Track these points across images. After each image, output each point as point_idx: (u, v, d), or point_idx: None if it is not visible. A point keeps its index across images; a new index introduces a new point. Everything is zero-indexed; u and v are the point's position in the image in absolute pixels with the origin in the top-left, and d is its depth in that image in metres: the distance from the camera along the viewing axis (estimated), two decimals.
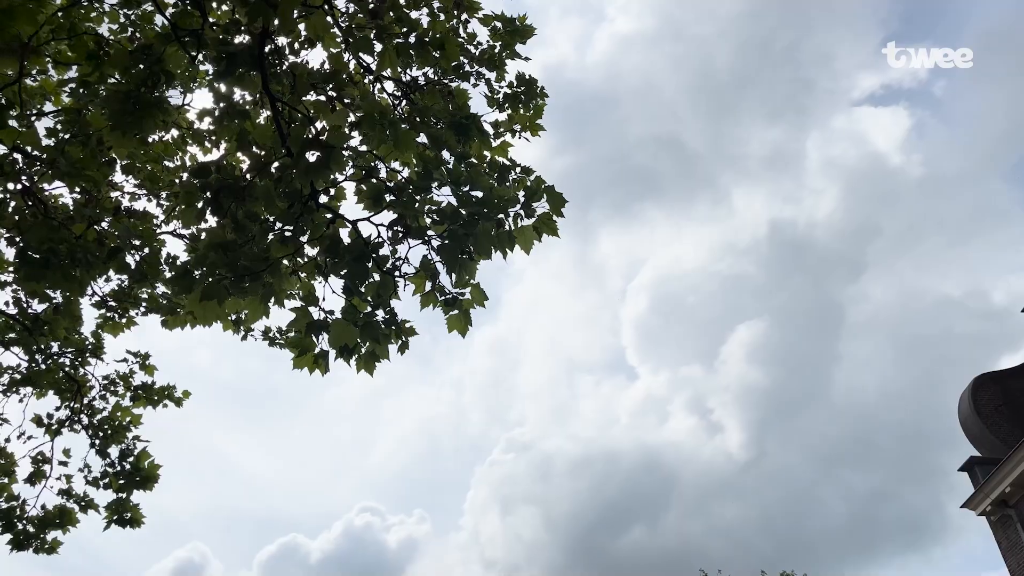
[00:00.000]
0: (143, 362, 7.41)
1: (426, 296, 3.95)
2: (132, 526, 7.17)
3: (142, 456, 7.23)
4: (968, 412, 14.77)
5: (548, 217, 3.90)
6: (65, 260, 4.73)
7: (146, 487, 7.25)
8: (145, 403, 7.41)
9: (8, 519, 6.76)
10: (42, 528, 6.88)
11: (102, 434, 7.17)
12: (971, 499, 14.54)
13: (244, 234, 3.84)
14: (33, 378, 6.94)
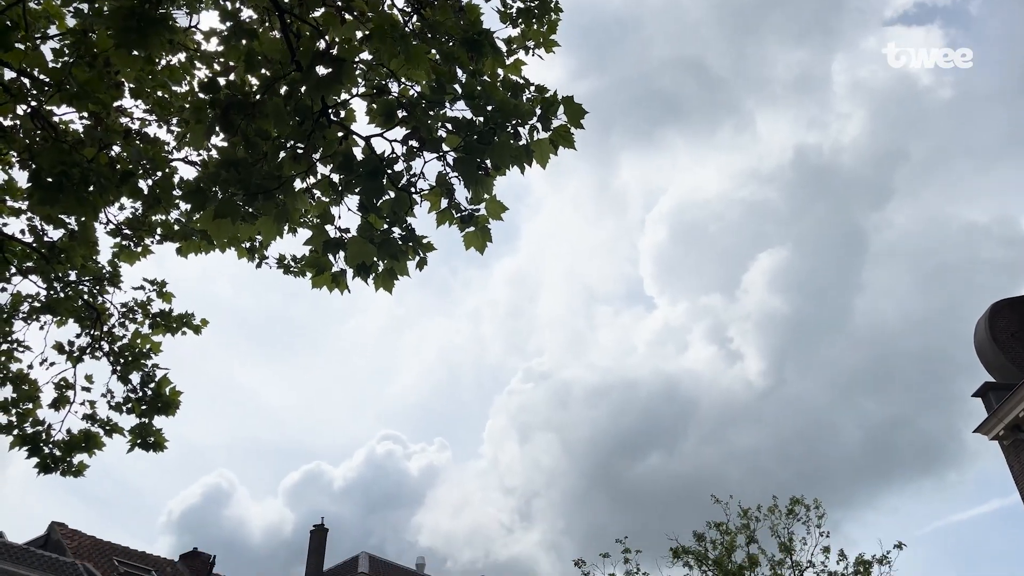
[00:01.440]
0: (160, 290, 7.44)
1: (442, 213, 3.91)
2: (155, 450, 7.32)
3: (163, 383, 7.33)
4: (984, 338, 14.74)
5: (565, 129, 3.81)
6: (78, 183, 4.69)
7: (168, 413, 7.37)
8: (164, 330, 7.47)
9: (34, 443, 6.90)
10: (68, 451, 7.03)
11: (123, 361, 7.26)
12: (984, 424, 14.63)
13: (255, 152, 3.79)
14: (53, 306, 6.99)
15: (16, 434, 6.87)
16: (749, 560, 27.20)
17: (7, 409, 6.90)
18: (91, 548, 25.62)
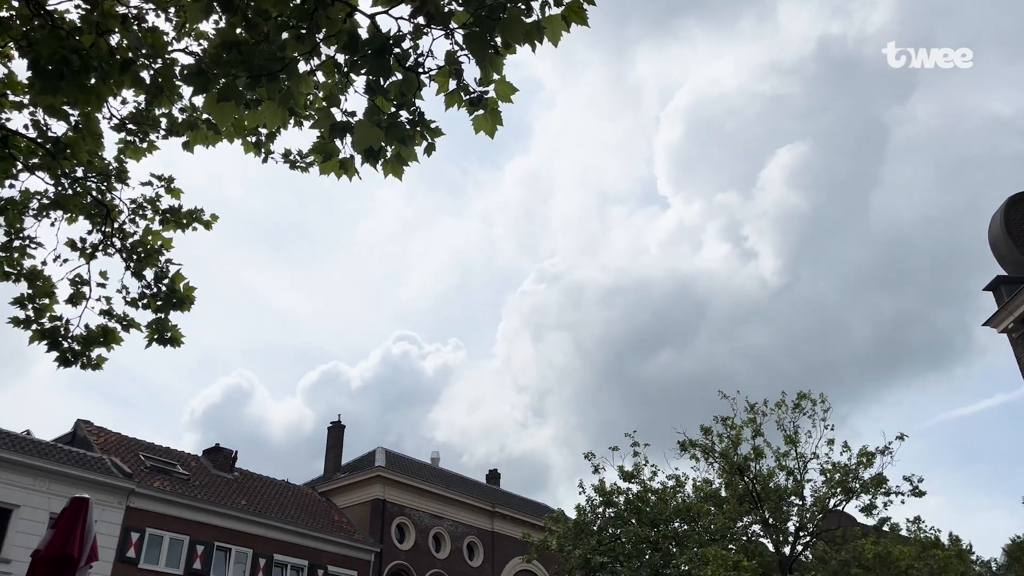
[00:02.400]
0: (168, 185, 7.40)
1: (450, 95, 3.79)
2: (172, 345, 7.44)
3: (176, 279, 7.38)
4: (998, 231, 14.60)
5: (578, 5, 3.65)
6: (78, 71, 4.59)
7: (183, 308, 7.45)
8: (174, 226, 7.46)
9: (53, 338, 7.01)
10: (87, 346, 7.15)
11: (136, 257, 7.29)
12: (994, 317, 14.68)
13: (256, 32, 3.66)
14: (62, 202, 6.97)
15: (35, 329, 6.98)
16: (754, 452, 27.93)
17: (24, 304, 6.99)
18: (117, 444, 26.53)
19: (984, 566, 30.10)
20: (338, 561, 28.94)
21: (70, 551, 6.30)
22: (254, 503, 27.95)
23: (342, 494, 33.21)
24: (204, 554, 24.93)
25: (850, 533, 27.53)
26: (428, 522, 33.40)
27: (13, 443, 21.84)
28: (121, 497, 23.22)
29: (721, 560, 23.48)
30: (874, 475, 26.32)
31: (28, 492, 21.10)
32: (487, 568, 35.21)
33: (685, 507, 27.92)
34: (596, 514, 29.15)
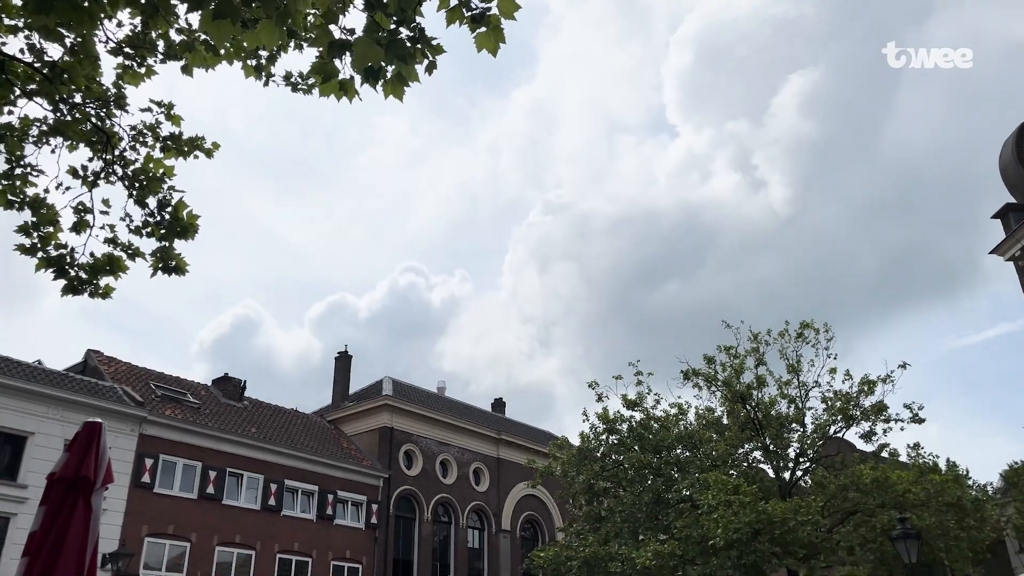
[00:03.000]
0: (168, 112, 7.31)
1: (452, 11, 3.69)
2: (177, 273, 7.47)
3: (179, 207, 7.36)
4: (1009, 158, 14.40)
5: None
6: None
7: (187, 236, 7.45)
8: (175, 154, 7.40)
9: (59, 266, 7.04)
10: (93, 274, 7.18)
11: (138, 185, 7.26)
12: (1001, 244, 14.62)
13: None
14: (61, 129, 6.90)
15: (40, 257, 7.01)
16: (757, 381, 28.23)
17: (29, 232, 7.00)
18: (127, 373, 26.93)
19: (980, 490, 30.62)
20: (347, 486, 29.67)
21: (85, 473, 6.43)
22: (264, 431, 28.50)
23: (350, 422, 33.82)
24: (216, 479, 25.56)
25: (849, 459, 28.02)
26: (435, 449, 34.08)
27: (25, 372, 22.18)
28: (133, 425, 23.69)
29: (722, 485, 23.99)
30: (875, 403, 26.65)
31: (42, 420, 21.53)
32: (493, 493, 36.08)
33: (687, 434, 28.39)
34: (599, 441, 29.67)
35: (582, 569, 27.08)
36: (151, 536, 23.42)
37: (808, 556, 24.81)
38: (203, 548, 24.57)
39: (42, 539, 6.21)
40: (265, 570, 26.02)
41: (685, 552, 24.31)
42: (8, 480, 20.72)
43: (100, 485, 6.53)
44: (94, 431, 6.66)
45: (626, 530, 27.76)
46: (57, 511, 6.30)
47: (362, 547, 29.48)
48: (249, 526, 26.03)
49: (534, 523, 38.38)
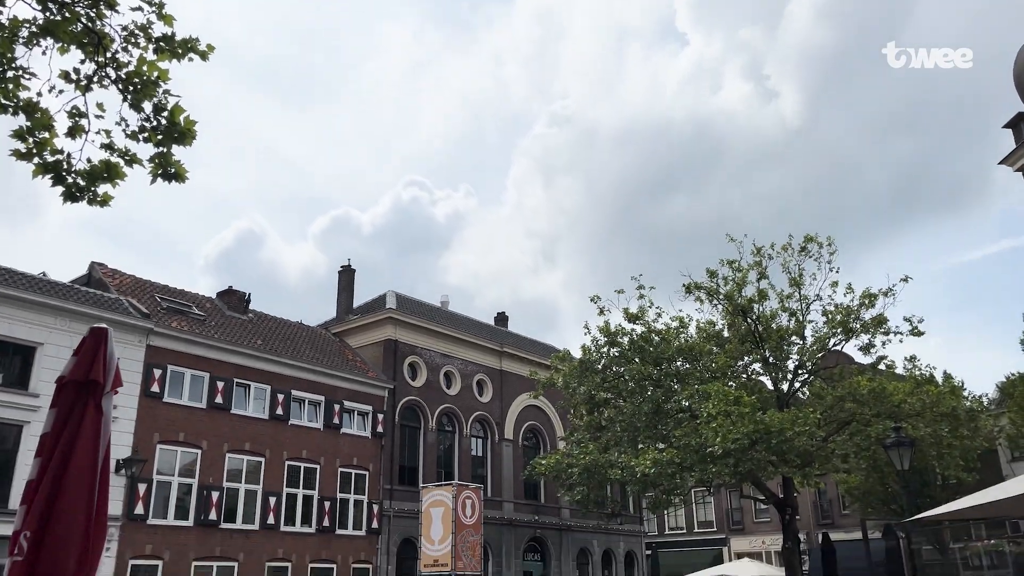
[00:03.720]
0: (159, 11, 7.07)
1: None
2: (177, 180, 7.37)
3: (176, 111, 7.21)
4: (1023, 66, 14.04)
5: None
6: None
7: (184, 142, 7.33)
8: (169, 56, 7.20)
9: (56, 172, 6.96)
10: (91, 181, 7.10)
11: (132, 88, 7.10)
12: (1011, 155, 14.39)
13: None
14: (51, 28, 6.71)
15: (37, 163, 6.92)
16: (758, 294, 28.34)
17: (24, 137, 6.89)
18: (132, 286, 27.08)
19: (976, 401, 31.14)
20: (353, 397, 30.23)
21: (94, 377, 6.50)
22: (269, 343, 28.85)
23: (354, 335, 34.20)
24: (224, 389, 26.03)
25: (847, 371, 28.40)
26: (439, 361, 34.56)
27: (31, 284, 22.31)
28: (140, 336, 23.97)
29: (722, 396, 24.38)
30: (875, 316, 26.82)
31: (50, 331, 21.77)
32: (496, 404, 36.78)
33: (688, 347, 28.69)
34: (600, 354, 30.04)
35: (582, 475, 27.85)
36: (163, 443, 24.02)
37: (803, 464, 25.44)
38: (213, 455, 25.24)
39: (54, 440, 6.34)
40: (275, 475, 26.79)
41: (683, 460, 24.93)
42: (20, 389, 21.11)
43: (109, 389, 6.63)
44: (100, 336, 6.71)
45: (626, 439, 28.41)
46: (68, 414, 6.40)
47: (369, 454, 30.27)
48: (258, 434, 26.66)
49: (536, 433, 39.28)
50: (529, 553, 36.81)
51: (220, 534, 24.85)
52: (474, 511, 21.83)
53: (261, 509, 26.14)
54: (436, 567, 21.09)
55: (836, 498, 44.15)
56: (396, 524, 30.42)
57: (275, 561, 26.14)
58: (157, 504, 23.62)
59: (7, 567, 6.03)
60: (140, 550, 22.77)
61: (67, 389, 6.61)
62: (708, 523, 51.92)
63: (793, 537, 28.02)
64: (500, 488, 35.80)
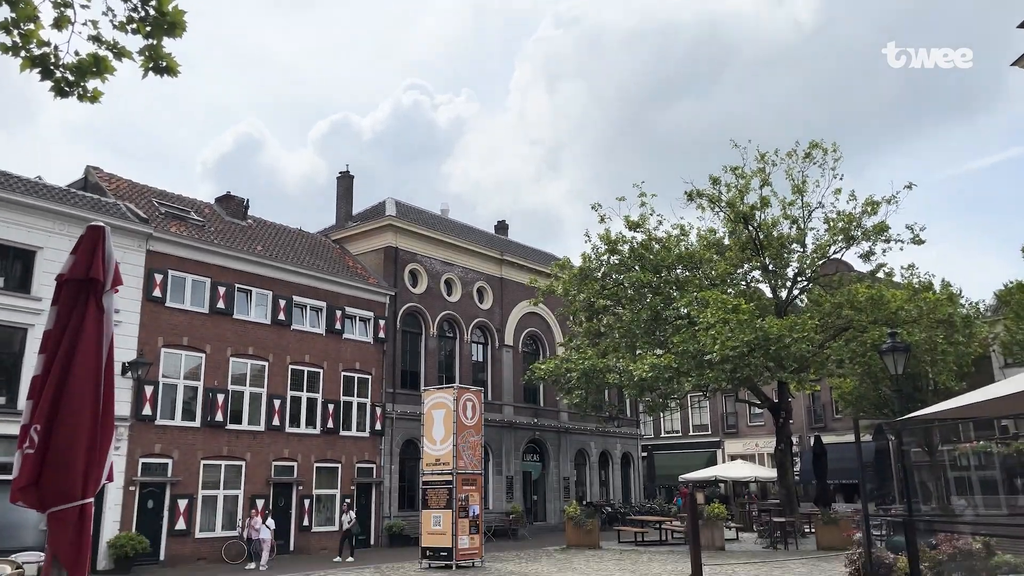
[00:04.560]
0: None
1: None
2: (169, 74, 7.16)
3: (163, 0, 6.95)
4: None
5: None
6: None
7: (174, 33, 7.08)
8: None
9: (44, 65, 6.76)
10: (80, 76, 6.90)
11: None
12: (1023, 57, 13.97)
13: None
14: None
15: (24, 56, 6.72)
16: (761, 201, 28.17)
17: (8, 30, 6.67)
18: (129, 190, 26.85)
19: (973, 308, 31.37)
20: (355, 303, 30.44)
21: (94, 275, 6.47)
22: (269, 249, 28.84)
23: (354, 242, 34.17)
24: (226, 295, 26.18)
25: (846, 278, 28.53)
26: (439, 268, 34.65)
27: (27, 187, 22.12)
28: (140, 241, 23.93)
29: (720, 303, 24.54)
30: (877, 223, 26.73)
31: (48, 235, 21.72)
32: (496, 310, 37.09)
33: (688, 254, 28.72)
34: (600, 261, 30.11)
35: (581, 380, 28.37)
36: (167, 347, 24.33)
37: (799, 370, 25.85)
38: (217, 359, 25.60)
39: (57, 337, 6.38)
40: (278, 379, 27.25)
41: (681, 365, 25.32)
42: (22, 293, 21.23)
43: (110, 287, 6.63)
44: (98, 234, 6.66)
45: (624, 345, 28.80)
46: (69, 311, 6.42)
47: (371, 359, 30.71)
48: (261, 339, 26.97)
49: (535, 339, 39.76)
50: (528, 454, 37.86)
51: (227, 435, 25.48)
52: (475, 413, 22.30)
53: (266, 411, 26.72)
54: (438, 466, 21.70)
55: (829, 403, 45.09)
56: (399, 426, 31.16)
57: (281, 461, 26.89)
58: (164, 406, 24.11)
59: (19, 459, 6.17)
60: (149, 449, 23.39)
61: (67, 287, 6.61)
62: (703, 426, 53.22)
63: (786, 439, 28.76)
64: (500, 392, 36.50)
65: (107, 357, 6.53)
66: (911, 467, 12.18)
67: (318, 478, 28.07)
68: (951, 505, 22.45)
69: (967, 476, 21.17)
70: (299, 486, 27.18)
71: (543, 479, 38.51)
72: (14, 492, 5.99)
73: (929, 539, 9.89)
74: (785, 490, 28.64)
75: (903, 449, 10.16)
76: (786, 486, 28.65)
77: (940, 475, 22.87)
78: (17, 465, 6.12)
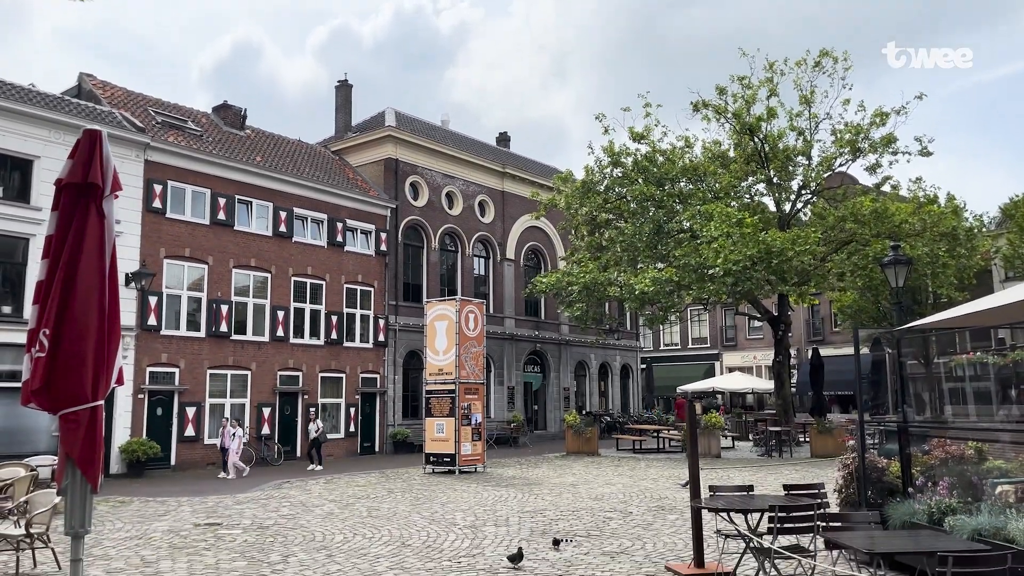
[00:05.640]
0: None
1: None
2: None
3: None
4: None
5: None
6: None
7: None
8: None
9: None
10: None
11: None
12: None
13: None
14: None
15: None
16: (767, 112, 27.68)
17: None
18: (124, 99, 26.35)
19: (977, 220, 31.22)
20: (356, 216, 30.31)
21: (93, 180, 6.40)
22: (269, 159, 28.52)
23: (354, 153, 33.76)
24: (226, 206, 26.03)
25: (850, 191, 28.31)
26: (440, 181, 34.35)
27: (21, 95, 21.72)
28: (137, 150, 23.64)
29: (724, 216, 24.44)
30: (885, 135, 26.34)
31: (45, 144, 21.45)
32: (497, 224, 36.96)
33: (692, 167, 28.44)
34: (604, 174, 29.86)
35: (582, 293, 28.52)
36: (169, 259, 24.35)
37: (800, 283, 25.94)
38: (220, 270, 25.67)
39: (59, 242, 6.37)
40: (281, 291, 27.40)
41: (682, 279, 25.40)
42: (22, 202, 21.12)
43: (109, 192, 6.57)
44: (95, 138, 6.55)
45: (626, 259, 28.83)
46: (70, 216, 6.39)
47: (373, 272, 30.80)
48: (263, 251, 26.98)
49: (537, 253, 39.77)
50: (529, 365, 38.42)
51: (232, 345, 25.79)
52: (477, 324, 22.52)
53: (270, 322, 26.96)
54: (441, 375, 22.06)
55: (828, 316, 45.46)
56: (401, 337, 31.51)
57: (286, 371, 27.31)
58: (169, 317, 24.31)
59: (28, 363, 6.24)
60: (156, 358, 23.72)
61: (67, 192, 6.55)
62: (702, 339, 53.83)
63: (784, 352, 29.14)
64: (502, 305, 36.75)
65: (110, 262, 6.53)
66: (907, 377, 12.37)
67: (323, 387, 28.56)
68: (944, 416, 22.90)
69: (962, 387, 21.52)
70: (304, 395, 27.69)
71: (544, 390, 39.20)
72: (27, 395, 6.08)
73: (922, 446, 10.11)
74: (782, 401, 29.19)
75: (900, 360, 10.25)
76: (783, 397, 29.18)
77: (935, 386, 23.23)
78: (28, 369, 6.21)
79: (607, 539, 10.81)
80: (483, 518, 13.00)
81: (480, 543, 10.65)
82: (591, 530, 11.58)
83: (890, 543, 6.42)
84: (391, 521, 12.79)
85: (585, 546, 10.27)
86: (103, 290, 6.31)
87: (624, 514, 13.23)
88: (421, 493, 16.75)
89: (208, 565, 9.44)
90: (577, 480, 19.14)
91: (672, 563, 8.99)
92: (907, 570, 7.03)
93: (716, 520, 9.35)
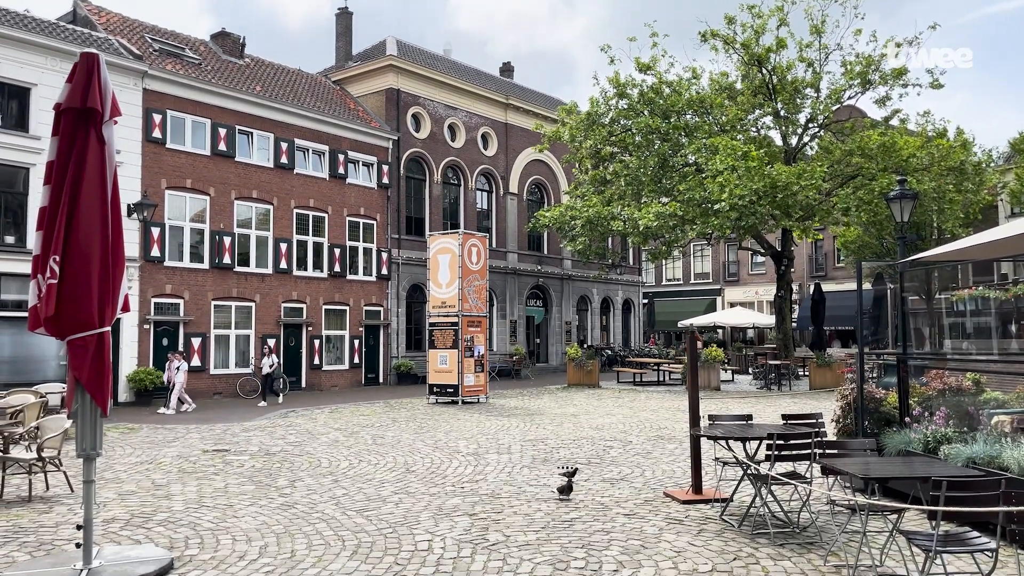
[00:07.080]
0: None
1: None
2: None
3: None
4: None
5: None
6: None
7: None
8: None
9: None
10: None
11: None
12: None
13: None
14: None
15: None
16: (777, 43, 27.11)
17: None
18: (120, 25, 25.83)
19: (986, 154, 30.87)
20: (357, 147, 30.02)
21: (92, 105, 6.34)
22: (269, 89, 28.10)
23: (355, 83, 33.23)
24: (227, 137, 25.77)
25: (858, 125, 27.91)
26: (442, 113, 33.88)
27: (16, 21, 21.29)
28: (135, 78, 23.28)
29: (729, 150, 24.15)
30: (895, 67, 25.83)
31: (41, 71, 21.12)
32: (500, 157, 36.62)
33: (698, 99, 27.98)
34: (608, 106, 29.39)
35: (584, 227, 28.40)
36: (170, 189, 24.23)
37: (804, 217, 25.81)
38: (222, 202, 25.57)
39: (61, 167, 6.33)
40: (284, 223, 27.33)
41: (686, 213, 25.27)
42: (20, 131, 20.92)
43: (108, 118, 6.48)
44: (92, 62, 6.45)
45: (630, 193, 28.62)
46: (70, 142, 6.33)
47: (375, 205, 30.66)
48: (264, 182, 26.82)
49: (540, 187, 39.50)
50: (531, 299, 38.59)
51: (236, 276, 25.87)
52: (479, 258, 22.51)
53: (273, 254, 26.98)
54: (444, 308, 22.17)
55: (831, 251, 45.38)
56: (404, 271, 31.56)
57: (290, 303, 27.46)
58: (172, 248, 24.33)
59: (35, 289, 6.26)
60: (160, 289, 23.83)
61: (66, 117, 6.47)
62: (704, 274, 53.88)
63: (787, 287, 29.19)
64: (505, 239, 36.69)
65: (112, 189, 6.50)
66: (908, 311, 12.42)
67: (327, 319, 28.76)
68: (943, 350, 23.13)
69: (962, 322, 21.67)
70: (309, 327, 27.90)
71: (546, 323, 39.44)
72: (35, 319, 6.12)
73: (920, 378, 10.22)
74: (783, 335, 29.37)
75: (903, 296, 10.26)
76: (784, 332, 29.35)
77: (935, 321, 23.37)
78: (34, 295, 6.22)
79: (607, 467, 11.02)
80: (486, 446, 13.24)
81: (483, 469, 10.87)
82: (591, 458, 11.80)
83: (885, 468, 6.53)
84: (395, 448, 13.03)
85: (586, 472, 10.47)
86: (106, 217, 6.30)
87: (624, 443, 13.46)
88: (425, 422, 17.02)
89: (217, 488, 9.66)
90: (578, 411, 19.42)
91: (671, 489, 9.18)
92: (901, 497, 7.18)
93: (715, 448, 9.51)
